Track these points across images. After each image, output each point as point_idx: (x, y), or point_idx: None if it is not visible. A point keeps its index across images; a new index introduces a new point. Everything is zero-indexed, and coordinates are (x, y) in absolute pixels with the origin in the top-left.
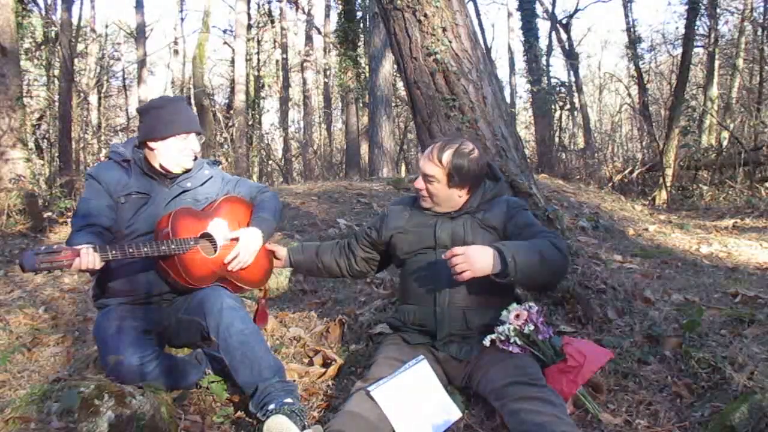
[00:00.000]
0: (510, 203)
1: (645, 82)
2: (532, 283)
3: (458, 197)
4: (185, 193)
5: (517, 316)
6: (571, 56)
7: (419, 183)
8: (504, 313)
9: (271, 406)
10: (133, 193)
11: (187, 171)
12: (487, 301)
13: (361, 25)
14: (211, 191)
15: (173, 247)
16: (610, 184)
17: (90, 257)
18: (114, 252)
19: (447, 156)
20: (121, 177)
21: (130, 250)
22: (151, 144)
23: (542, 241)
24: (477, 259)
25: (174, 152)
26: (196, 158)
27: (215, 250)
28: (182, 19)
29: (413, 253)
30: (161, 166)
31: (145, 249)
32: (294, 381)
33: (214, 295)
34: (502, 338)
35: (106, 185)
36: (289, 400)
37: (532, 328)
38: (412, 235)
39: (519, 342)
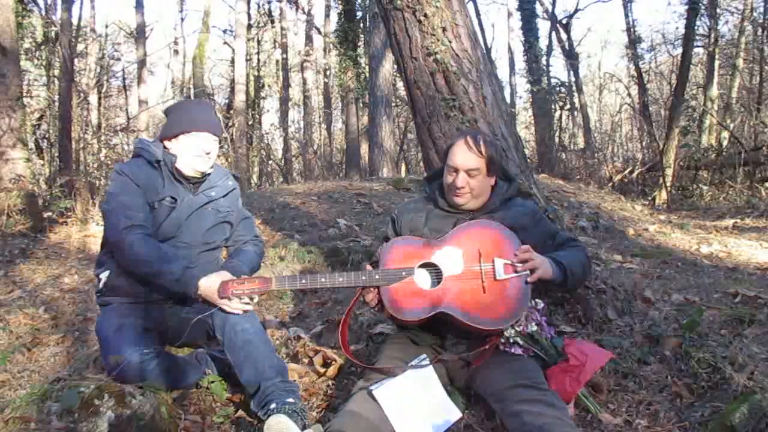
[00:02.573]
0: (531, 208)
1: (645, 82)
2: (569, 290)
3: (489, 188)
4: (209, 204)
5: (528, 317)
6: (571, 56)
7: (461, 181)
8: None
9: (273, 406)
10: (166, 197)
11: (205, 175)
12: None
13: (361, 25)
14: (233, 205)
15: (377, 277)
16: (610, 184)
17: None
18: (303, 281)
19: (483, 146)
20: (156, 179)
21: (323, 280)
22: (167, 144)
23: (581, 253)
24: (543, 264)
25: (185, 151)
26: (213, 166)
27: (438, 282)
28: (182, 19)
29: None
30: (177, 169)
31: (341, 279)
32: (295, 381)
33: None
34: (503, 341)
35: (143, 186)
36: (290, 399)
37: (535, 328)
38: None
39: (521, 342)
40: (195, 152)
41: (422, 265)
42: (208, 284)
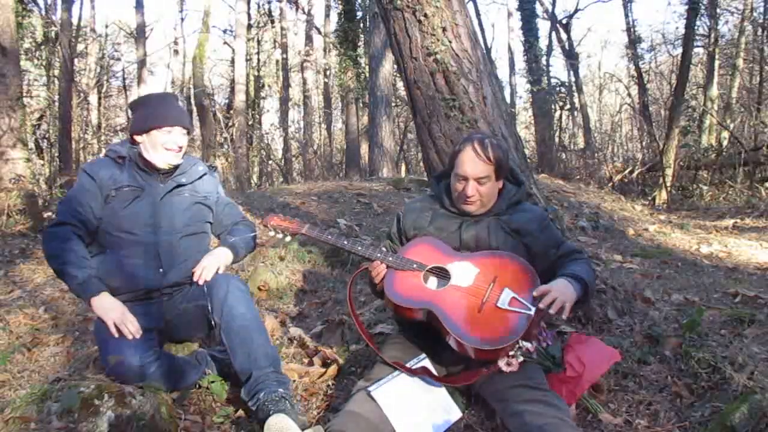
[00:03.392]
0: (539, 214)
1: (645, 82)
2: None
3: (497, 192)
4: (181, 188)
5: (508, 364)
6: (571, 56)
7: (471, 190)
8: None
9: (262, 395)
10: (124, 186)
11: (175, 167)
12: None
13: (361, 25)
14: (210, 189)
15: (391, 259)
16: (610, 184)
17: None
18: (329, 237)
19: (492, 151)
20: (114, 173)
21: (344, 242)
22: (137, 138)
23: (589, 266)
24: (566, 291)
25: (157, 145)
26: (185, 155)
27: (442, 287)
28: (182, 19)
29: None
30: (147, 160)
31: (359, 247)
32: (294, 380)
33: (222, 278)
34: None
35: (99, 181)
36: (280, 389)
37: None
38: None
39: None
40: (168, 146)
41: (437, 269)
42: (106, 302)
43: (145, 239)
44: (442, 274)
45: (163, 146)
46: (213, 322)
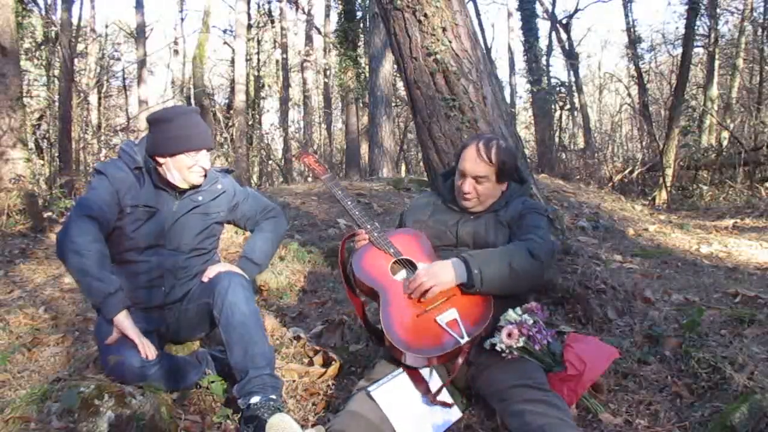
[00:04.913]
0: (526, 203)
1: (645, 82)
2: (503, 291)
3: (500, 193)
4: (196, 208)
5: (510, 335)
6: (571, 56)
7: (467, 186)
8: (501, 320)
9: (257, 399)
10: (140, 206)
11: (197, 186)
12: (496, 301)
13: (361, 25)
14: (222, 205)
15: (375, 235)
16: (610, 184)
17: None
18: (340, 193)
19: (495, 153)
20: (132, 184)
21: (349, 203)
22: (159, 159)
23: (518, 247)
24: (438, 273)
25: (182, 169)
26: (205, 175)
27: (403, 276)
28: (182, 19)
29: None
30: (167, 181)
31: (356, 212)
32: (294, 380)
33: (225, 274)
34: (497, 349)
35: (119, 190)
36: (273, 396)
37: (525, 339)
38: (431, 231)
39: (516, 353)
40: (194, 170)
41: (408, 262)
42: (128, 321)
43: (150, 261)
44: (411, 269)
45: (189, 169)
46: (216, 339)
